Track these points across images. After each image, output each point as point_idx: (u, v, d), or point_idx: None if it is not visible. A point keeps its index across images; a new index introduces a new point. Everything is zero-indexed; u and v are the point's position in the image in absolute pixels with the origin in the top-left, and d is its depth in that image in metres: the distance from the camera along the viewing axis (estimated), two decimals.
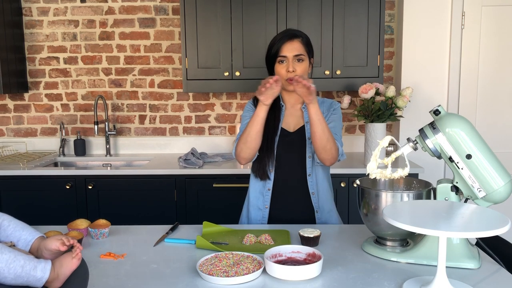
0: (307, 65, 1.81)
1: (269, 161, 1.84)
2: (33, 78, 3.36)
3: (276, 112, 1.88)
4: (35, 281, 1.01)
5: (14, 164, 2.94)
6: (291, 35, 1.79)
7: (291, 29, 1.87)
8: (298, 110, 1.91)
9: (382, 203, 1.42)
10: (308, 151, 1.85)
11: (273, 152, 1.85)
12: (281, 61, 1.79)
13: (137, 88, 3.36)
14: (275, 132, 1.86)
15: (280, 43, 1.78)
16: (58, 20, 3.30)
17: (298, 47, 1.78)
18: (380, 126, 2.81)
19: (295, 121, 1.90)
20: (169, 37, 3.30)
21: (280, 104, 1.90)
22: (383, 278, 1.28)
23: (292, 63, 1.78)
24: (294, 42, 1.78)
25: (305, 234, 1.51)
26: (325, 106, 1.91)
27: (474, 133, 1.36)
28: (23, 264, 0.99)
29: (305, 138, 1.86)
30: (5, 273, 0.97)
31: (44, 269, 1.02)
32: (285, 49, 1.77)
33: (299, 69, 1.78)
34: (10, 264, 0.97)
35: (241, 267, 1.28)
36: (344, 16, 2.89)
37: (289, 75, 1.78)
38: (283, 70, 1.79)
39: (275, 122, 1.87)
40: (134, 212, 2.83)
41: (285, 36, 1.79)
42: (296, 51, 1.78)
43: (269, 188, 1.87)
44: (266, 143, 1.83)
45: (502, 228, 1.07)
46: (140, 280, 1.29)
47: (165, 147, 3.39)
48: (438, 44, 3.11)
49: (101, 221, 1.67)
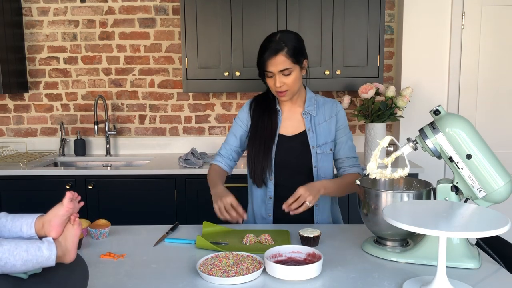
0: (296, 74, 1.73)
1: (266, 169, 1.79)
2: (33, 78, 3.36)
3: (273, 117, 1.83)
4: (45, 261, 1.01)
5: (14, 164, 2.94)
6: (274, 51, 1.68)
7: (274, 38, 1.71)
8: (297, 114, 1.85)
9: (382, 203, 1.42)
10: (314, 161, 1.80)
11: (270, 160, 1.80)
12: (268, 75, 1.74)
13: (137, 88, 3.36)
14: (272, 139, 1.81)
15: (263, 59, 1.71)
16: (58, 20, 3.30)
17: (283, 62, 1.68)
18: (380, 126, 2.81)
19: (294, 125, 1.85)
20: (169, 37, 3.30)
21: (277, 108, 1.85)
22: (383, 278, 1.28)
23: (279, 78, 1.71)
24: (278, 57, 1.68)
25: (305, 234, 1.51)
26: (327, 109, 1.85)
27: (474, 133, 1.36)
28: (27, 248, 0.99)
29: (307, 146, 1.81)
30: (12, 261, 0.97)
31: (49, 247, 1.01)
32: (270, 65, 1.70)
33: (287, 81, 1.71)
34: (13, 252, 0.97)
35: (241, 267, 1.28)
36: (344, 16, 2.89)
37: (278, 89, 1.73)
38: (272, 84, 1.74)
39: (272, 128, 1.82)
40: (134, 212, 2.83)
41: (268, 52, 1.69)
42: (281, 66, 1.69)
43: (271, 196, 1.83)
44: (263, 150, 1.79)
45: (502, 228, 1.07)
46: (140, 280, 1.29)
47: (165, 147, 3.39)
48: (438, 44, 3.11)
49: (101, 221, 1.67)
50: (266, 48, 1.70)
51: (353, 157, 1.85)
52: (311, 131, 1.81)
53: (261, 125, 1.82)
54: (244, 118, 1.88)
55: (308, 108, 1.83)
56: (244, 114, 1.89)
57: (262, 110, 1.85)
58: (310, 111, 1.83)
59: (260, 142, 1.80)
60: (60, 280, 1.08)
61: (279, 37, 1.71)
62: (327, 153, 1.82)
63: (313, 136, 1.81)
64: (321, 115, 1.84)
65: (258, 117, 1.84)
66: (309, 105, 1.84)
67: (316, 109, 1.84)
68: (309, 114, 1.83)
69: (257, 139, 1.81)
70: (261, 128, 1.82)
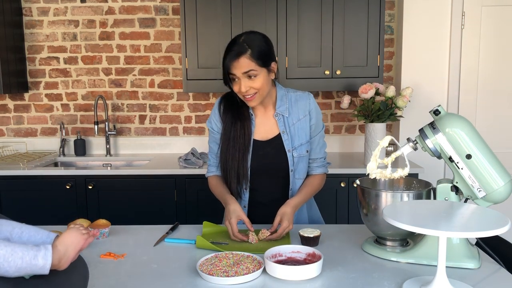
0: (264, 78, 1.61)
1: (242, 180, 1.71)
2: (33, 78, 3.36)
3: (246, 124, 1.71)
4: (39, 270, 1.00)
5: (14, 164, 2.94)
6: (237, 53, 1.58)
7: (239, 40, 1.62)
8: (269, 117, 1.75)
9: (382, 203, 1.42)
10: (291, 165, 1.73)
11: (246, 170, 1.71)
12: (233, 79, 1.63)
13: (137, 88, 3.36)
14: (247, 149, 1.70)
15: (226, 62, 1.60)
16: (58, 20, 3.30)
17: (246, 64, 1.57)
18: (380, 126, 2.81)
19: (268, 129, 1.74)
20: (169, 37, 3.30)
21: (250, 113, 1.74)
22: (383, 278, 1.28)
23: (244, 82, 1.60)
24: (241, 59, 1.57)
25: (305, 234, 1.52)
26: (300, 106, 1.74)
27: (474, 133, 1.36)
28: (22, 256, 0.98)
29: (283, 150, 1.72)
30: (6, 268, 0.96)
31: (46, 256, 1.00)
32: (233, 68, 1.59)
33: (254, 85, 1.60)
34: (8, 258, 0.96)
35: (241, 267, 1.29)
36: (344, 16, 2.89)
37: (245, 93, 1.63)
38: (237, 89, 1.63)
39: (246, 137, 1.70)
40: (134, 212, 2.83)
41: (230, 55, 1.60)
42: (244, 68, 1.58)
43: (245, 205, 1.77)
44: (237, 160, 1.69)
45: (502, 228, 1.07)
46: (140, 280, 1.29)
47: (165, 147, 3.39)
48: (438, 44, 3.11)
49: (101, 221, 1.67)
50: (229, 51, 1.60)
51: (322, 158, 1.82)
52: (285, 133, 1.72)
53: (234, 134, 1.71)
54: (217, 121, 1.77)
55: (280, 109, 1.73)
56: (216, 117, 1.78)
57: (234, 116, 1.73)
58: (282, 111, 1.73)
59: (234, 151, 1.70)
60: (60, 280, 1.08)
61: (243, 39, 1.61)
62: (304, 155, 1.75)
63: (288, 138, 1.72)
64: (295, 115, 1.73)
65: (231, 124, 1.72)
66: (281, 105, 1.73)
67: (289, 108, 1.73)
68: (281, 115, 1.73)
69: (230, 148, 1.71)
70: (234, 137, 1.71)
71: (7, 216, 1.19)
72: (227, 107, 1.76)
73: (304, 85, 2.90)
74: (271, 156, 1.73)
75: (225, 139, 1.73)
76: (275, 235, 1.58)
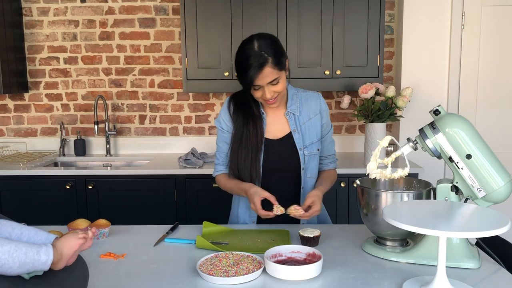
0: (284, 79, 1.65)
1: (254, 180, 1.72)
2: (33, 78, 3.36)
3: (258, 123, 1.73)
4: (41, 265, 1.02)
5: (14, 164, 2.94)
6: (260, 66, 1.57)
7: (253, 49, 1.59)
8: (281, 115, 1.77)
9: (382, 203, 1.42)
10: (302, 163, 1.75)
11: (258, 169, 1.72)
12: (255, 88, 1.64)
13: (137, 88, 3.36)
14: (259, 148, 1.72)
15: (249, 76, 1.58)
16: (58, 20, 3.30)
17: (270, 73, 1.59)
18: (380, 126, 2.81)
19: (279, 127, 1.77)
20: (169, 37, 3.30)
21: (261, 112, 1.76)
22: (383, 278, 1.28)
23: (268, 89, 1.62)
24: (265, 70, 1.57)
25: (305, 234, 1.51)
26: (311, 105, 1.78)
27: (474, 133, 1.36)
28: (26, 251, 1.00)
29: (294, 148, 1.75)
30: (10, 263, 0.98)
31: (47, 251, 1.03)
32: (257, 80, 1.59)
33: (277, 89, 1.63)
34: (13, 254, 0.98)
35: (241, 267, 1.29)
36: (344, 16, 2.89)
37: (269, 99, 1.65)
38: (260, 95, 1.65)
39: (258, 137, 1.72)
40: (134, 212, 2.83)
41: (252, 69, 1.57)
42: (269, 78, 1.59)
43: None
44: (250, 160, 1.71)
45: (502, 228, 1.07)
46: (140, 280, 1.29)
47: (165, 147, 3.39)
48: (438, 44, 3.11)
49: (101, 221, 1.67)
50: (249, 65, 1.58)
51: (333, 154, 1.88)
52: (296, 132, 1.75)
53: (246, 134, 1.72)
54: (228, 121, 1.77)
55: (291, 108, 1.76)
56: (226, 117, 1.78)
57: (246, 115, 1.74)
58: (293, 110, 1.76)
59: (247, 151, 1.71)
60: (60, 280, 1.08)
61: (258, 47, 1.59)
62: (315, 153, 1.78)
63: (299, 137, 1.75)
64: (305, 113, 1.77)
65: (243, 124, 1.73)
66: (292, 103, 1.76)
67: (300, 107, 1.77)
68: (292, 114, 1.76)
69: (242, 148, 1.72)
70: (246, 136, 1.72)
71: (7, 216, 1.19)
72: (237, 107, 1.77)
73: (304, 85, 2.86)
74: (282, 155, 1.75)
75: (236, 138, 1.74)
76: (306, 215, 1.60)
